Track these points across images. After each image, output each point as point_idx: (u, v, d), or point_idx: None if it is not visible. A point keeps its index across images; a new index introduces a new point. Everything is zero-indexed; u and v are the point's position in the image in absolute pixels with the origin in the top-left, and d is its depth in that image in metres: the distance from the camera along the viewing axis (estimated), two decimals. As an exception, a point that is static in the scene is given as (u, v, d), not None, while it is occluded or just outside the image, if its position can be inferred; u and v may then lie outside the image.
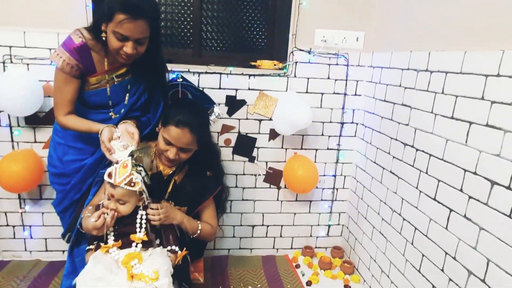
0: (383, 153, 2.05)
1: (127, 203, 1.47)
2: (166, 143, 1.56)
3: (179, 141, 1.53)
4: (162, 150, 1.58)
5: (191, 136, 1.53)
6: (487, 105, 1.34)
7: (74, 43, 1.53)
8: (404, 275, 1.82)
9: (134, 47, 1.49)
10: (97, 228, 1.45)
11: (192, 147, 1.59)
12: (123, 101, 1.74)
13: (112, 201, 1.45)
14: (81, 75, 1.59)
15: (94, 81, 1.63)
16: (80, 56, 1.55)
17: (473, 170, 1.39)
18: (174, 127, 1.52)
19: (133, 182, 1.43)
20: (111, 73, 1.64)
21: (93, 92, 1.65)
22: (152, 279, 1.36)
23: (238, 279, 2.25)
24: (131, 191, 1.45)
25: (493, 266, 1.29)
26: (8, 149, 2.12)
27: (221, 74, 2.19)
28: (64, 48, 1.53)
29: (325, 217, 2.53)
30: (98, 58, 1.60)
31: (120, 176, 1.42)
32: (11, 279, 2.10)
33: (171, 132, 1.52)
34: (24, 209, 2.24)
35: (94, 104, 1.70)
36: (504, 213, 1.25)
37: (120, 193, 1.43)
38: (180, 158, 1.59)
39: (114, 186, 1.42)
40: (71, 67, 1.53)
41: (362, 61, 2.27)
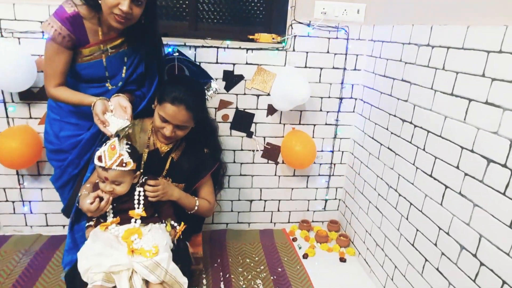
0: (381, 129, 2.04)
1: (122, 183, 1.47)
2: (162, 121, 1.54)
3: (175, 119, 1.52)
4: (158, 128, 1.57)
5: (187, 113, 1.52)
6: (487, 82, 1.32)
7: (66, 12, 1.49)
8: (398, 249, 1.86)
9: (130, 7, 1.43)
10: (91, 211, 1.45)
11: (188, 124, 1.58)
12: (119, 73, 1.71)
13: (107, 183, 1.46)
14: (73, 46, 1.55)
15: (87, 53, 1.59)
16: (73, 26, 1.50)
17: (470, 147, 1.39)
18: (170, 104, 1.50)
19: (125, 162, 1.43)
20: (105, 44, 1.60)
21: (86, 64, 1.62)
22: (152, 253, 1.39)
23: (236, 252, 2.30)
24: (125, 171, 1.45)
25: (484, 242, 1.32)
26: (3, 125, 2.10)
27: (218, 48, 2.14)
28: (55, 18, 1.48)
29: (322, 192, 2.56)
30: (92, 28, 1.56)
31: (111, 159, 1.41)
32: (14, 253, 2.14)
33: (167, 110, 1.51)
34: (22, 185, 2.25)
35: (88, 78, 1.66)
36: (498, 190, 1.26)
37: (113, 175, 1.43)
38: (176, 135, 1.58)
39: (106, 169, 1.42)
40: (62, 37, 1.49)
41: (363, 35, 2.22)
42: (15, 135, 2.01)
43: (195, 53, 2.13)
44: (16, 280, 1.92)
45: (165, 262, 1.38)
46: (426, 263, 1.64)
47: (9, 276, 1.95)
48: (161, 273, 1.37)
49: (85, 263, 1.35)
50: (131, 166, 1.44)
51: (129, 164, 1.44)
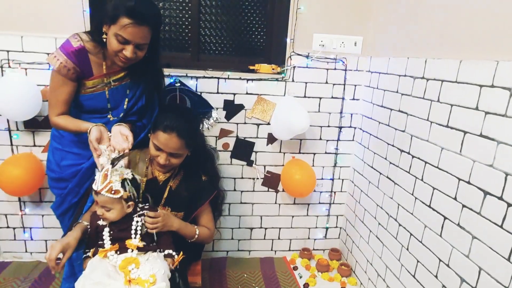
0: (380, 158, 2.06)
1: (112, 209, 1.49)
2: (156, 149, 1.57)
3: (167, 146, 1.54)
4: (153, 156, 1.59)
5: (179, 140, 1.54)
6: (481, 115, 1.35)
7: (72, 46, 1.55)
8: (400, 280, 1.83)
9: (134, 52, 1.51)
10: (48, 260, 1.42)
11: (181, 152, 1.60)
12: (121, 105, 1.75)
13: (98, 206, 1.48)
14: (78, 78, 1.60)
15: (90, 85, 1.64)
16: (78, 59, 1.56)
17: (467, 179, 1.40)
18: (162, 132, 1.53)
19: (114, 190, 1.45)
20: (108, 77, 1.66)
21: (89, 96, 1.66)
22: (150, 283, 1.38)
23: (236, 280, 2.27)
24: (114, 199, 1.46)
25: (484, 275, 1.31)
26: (7, 153, 2.14)
27: (219, 79, 2.19)
28: (62, 51, 1.54)
29: (323, 220, 2.55)
30: (96, 62, 1.61)
31: (102, 184, 1.44)
32: (12, 280, 2.13)
33: (160, 138, 1.54)
34: (24, 211, 2.26)
35: (91, 108, 1.70)
36: (495, 223, 1.26)
37: (102, 200, 1.45)
38: (171, 163, 1.60)
39: (97, 193, 1.45)
40: (67, 69, 1.55)
41: (360, 66, 2.28)
42: (18, 163, 2.05)
43: (196, 83, 2.18)
44: (13, 310, 1.91)
45: (162, 292, 1.37)
46: (427, 295, 1.62)
47: (7, 305, 1.94)
48: (159, 303, 1.36)
49: (83, 294, 1.35)
50: (120, 195, 1.45)
51: (117, 192, 1.45)
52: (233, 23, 2.34)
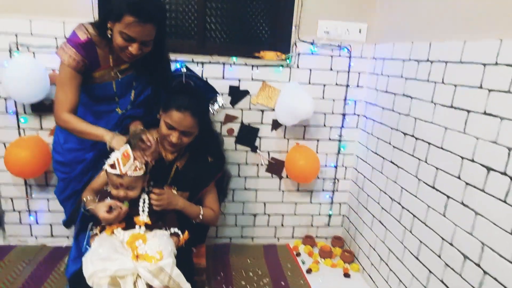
0: (384, 143, 2.07)
1: (135, 188, 1.52)
2: (168, 128, 1.59)
3: (181, 125, 1.57)
4: (165, 135, 1.61)
5: (192, 119, 1.57)
6: (485, 93, 1.36)
7: (80, 39, 1.55)
8: (403, 262, 1.85)
9: (140, 48, 1.51)
10: (107, 220, 1.48)
11: (193, 131, 1.62)
12: (128, 96, 1.77)
13: (121, 189, 1.50)
14: (85, 70, 1.61)
15: (98, 76, 1.66)
16: (86, 51, 1.56)
17: (470, 157, 1.42)
18: (176, 111, 1.55)
19: (138, 168, 1.48)
20: (115, 69, 1.67)
21: (97, 85, 1.68)
22: (157, 259, 1.40)
23: (239, 266, 2.29)
24: (138, 176, 1.49)
25: (487, 250, 1.32)
26: (15, 136, 2.16)
27: (224, 65, 2.21)
28: (70, 44, 1.55)
29: (326, 207, 2.56)
30: (103, 54, 1.62)
31: (125, 165, 1.46)
32: (17, 262, 2.15)
33: (173, 116, 1.56)
34: (30, 195, 2.28)
35: (100, 97, 1.73)
36: (499, 198, 1.28)
37: (128, 181, 1.48)
38: (182, 142, 1.62)
39: (122, 176, 1.47)
40: (76, 62, 1.55)
41: (365, 53, 2.30)
42: (25, 145, 2.07)
43: (202, 69, 2.20)
44: (19, 288, 1.93)
45: (169, 267, 1.39)
46: (430, 275, 1.64)
47: (12, 284, 1.96)
48: (165, 278, 1.37)
49: (90, 268, 1.36)
50: (143, 171, 1.48)
51: (141, 169, 1.48)
52: (239, 11, 2.36)
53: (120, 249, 1.43)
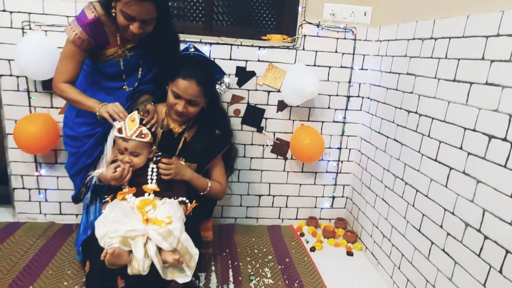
0: (388, 122, 2.11)
1: (140, 155, 1.56)
2: (175, 97, 1.64)
3: (187, 93, 1.61)
4: (172, 104, 1.66)
5: (198, 87, 1.61)
6: (487, 64, 1.40)
7: (87, 18, 1.60)
8: (405, 237, 1.89)
9: (140, 27, 1.55)
10: (116, 178, 1.54)
11: (199, 100, 1.66)
12: (136, 73, 1.82)
13: (126, 154, 1.55)
14: (91, 49, 1.66)
15: (108, 53, 1.71)
16: (93, 31, 1.61)
17: (472, 127, 1.46)
18: (182, 79, 1.60)
19: (143, 134, 1.53)
20: (123, 47, 1.72)
21: (108, 63, 1.73)
22: (166, 223, 1.44)
23: (244, 244, 2.34)
24: (143, 143, 1.54)
25: (488, 215, 1.36)
26: (25, 113, 2.21)
27: (231, 46, 2.26)
28: (78, 23, 1.60)
29: (330, 189, 2.61)
30: (111, 32, 1.67)
31: (131, 130, 1.51)
32: (27, 237, 2.20)
33: (179, 85, 1.61)
34: (39, 173, 2.33)
35: (110, 75, 1.78)
36: (499, 164, 1.32)
37: (132, 145, 1.53)
38: (188, 111, 1.66)
39: (127, 140, 1.52)
40: (82, 41, 1.61)
41: (370, 36, 2.34)
42: (35, 121, 2.12)
43: (210, 50, 2.24)
44: (29, 261, 1.97)
45: (177, 231, 1.43)
46: (432, 246, 1.68)
47: (23, 257, 2.01)
48: (174, 241, 1.42)
49: (102, 229, 1.41)
50: (149, 138, 1.53)
51: (147, 135, 1.53)
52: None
53: (130, 214, 1.48)
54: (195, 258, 1.48)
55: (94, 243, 1.45)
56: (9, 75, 2.15)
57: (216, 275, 1.99)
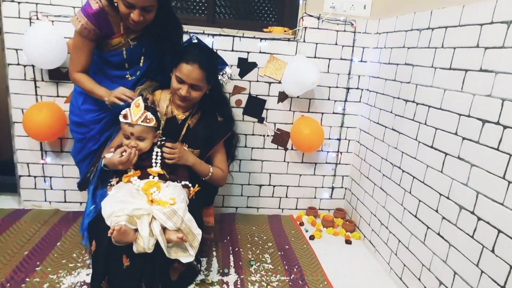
0: (386, 113, 2.16)
1: (145, 139, 1.62)
2: (178, 81, 1.68)
3: (189, 77, 1.66)
4: (175, 89, 1.70)
5: (200, 71, 1.66)
6: (481, 52, 1.45)
7: (92, 8, 1.65)
8: (402, 223, 1.94)
9: (141, 15, 1.60)
10: (123, 162, 1.60)
11: (201, 85, 1.70)
12: (138, 63, 1.87)
13: (132, 139, 1.60)
14: (97, 38, 1.72)
15: (115, 42, 1.76)
16: (97, 21, 1.67)
17: (467, 113, 1.51)
18: (185, 63, 1.66)
19: (148, 119, 1.58)
20: (127, 36, 1.77)
21: (112, 53, 1.79)
22: (170, 204, 1.50)
23: (245, 231, 2.38)
24: (148, 127, 1.60)
25: (481, 197, 1.41)
26: (32, 102, 2.26)
27: (234, 37, 2.31)
28: (83, 13, 1.66)
29: (329, 180, 2.65)
30: (115, 22, 1.72)
31: (136, 115, 1.57)
32: (33, 223, 2.25)
33: (182, 69, 1.66)
34: (45, 161, 2.38)
35: (114, 63, 1.83)
36: (492, 147, 1.37)
37: (138, 130, 1.59)
38: (191, 96, 1.70)
39: (132, 125, 1.57)
40: (88, 31, 1.67)
41: (369, 29, 2.38)
42: (43, 109, 2.17)
43: (212, 41, 2.29)
44: (35, 245, 2.02)
45: (181, 211, 1.49)
46: (428, 230, 1.72)
47: (28, 241, 2.06)
48: (178, 220, 1.47)
49: (109, 209, 1.47)
50: (153, 122, 1.58)
51: (152, 120, 1.58)
52: (248, -13, 2.45)
53: (136, 195, 1.54)
54: (198, 238, 1.53)
55: (100, 223, 1.51)
56: (17, 64, 2.20)
57: (217, 260, 2.04)
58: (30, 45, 2.03)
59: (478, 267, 1.41)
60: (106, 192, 1.74)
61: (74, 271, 1.83)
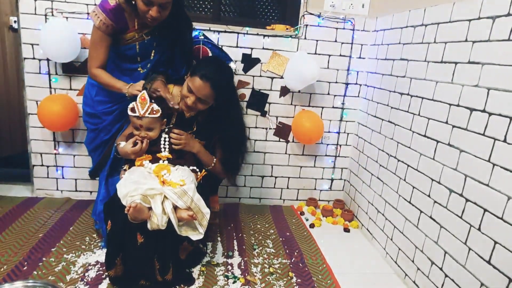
0: (383, 106, 2.28)
1: (154, 129, 1.74)
2: (188, 91, 1.77)
3: (199, 92, 1.74)
4: (184, 96, 1.80)
5: (211, 91, 1.74)
6: (469, 45, 1.56)
7: (109, 4, 1.76)
8: (397, 209, 2.05)
9: (158, 11, 1.71)
10: (135, 152, 1.71)
11: (209, 101, 1.78)
12: (149, 57, 1.98)
13: (141, 130, 1.72)
14: (114, 33, 1.83)
15: (129, 37, 1.87)
16: (115, 16, 1.78)
17: (456, 103, 1.62)
18: (199, 78, 1.73)
19: (155, 110, 1.69)
20: (140, 31, 1.88)
21: (126, 47, 1.90)
22: (180, 185, 1.61)
23: (248, 219, 2.50)
24: (155, 118, 1.71)
25: (469, 180, 1.52)
26: (46, 94, 2.37)
27: (238, 34, 2.42)
28: (100, 9, 1.76)
29: (329, 172, 2.76)
30: (130, 17, 1.83)
31: (143, 108, 1.68)
32: (45, 210, 2.37)
33: (195, 82, 1.74)
34: (57, 151, 2.50)
35: (128, 57, 1.94)
36: (479, 132, 1.48)
37: (146, 122, 1.70)
38: (196, 107, 1.79)
39: (141, 118, 1.69)
40: (106, 26, 1.77)
41: (367, 26, 2.50)
42: (57, 100, 2.28)
43: (218, 37, 2.41)
44: (49, 229, 2.14)
45: (191, 191, 1.60)
46: (421, 214, 1.84)
47: (43, 226, 2.17)
48: (188, 200, 1.58)
49: (124, 190, 1.57)
50: (160, 113, 1.69)
51: (158, 111, 1.69)
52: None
53: (148, 177, 1.65)
54: (207, 217, 1.64)
55: (115, 204, 1.62)
56: (32, 58, 2.32)
57: (222, 244, 2.15)
58: (46, 40, 2.15)
59: (466, 245, 1.52)
60: (118, 179, 1.85)
61: (88, 252, 1.94)
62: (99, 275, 1.76)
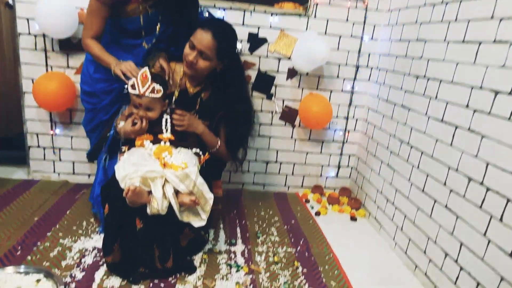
0: (396, 90, 2.16)
1: (154, 109, 1.63)
2: (190, 47, 1.67)
3: (201, 43, 1.63)
4: (185, 55, 1.69)
5: (212, 40, 1.63)
6: (496, 23, 1.45)
7: None
8: (409, 198, 1.95)
9: None
10: (135, 131, 1.62)
11: (210, 55, 1.66)
12: (154, 31, 1.87)
13: (140, 109, 1.61)
14: (113, 4, 1.71)
15: (130, 9, 1.76)
16: None
17: (479, 85, 1.51)
18: (200, 28, 1.65)
19: (156, 90, 1.58)
20: (144, 3, 1.77)
21: (129, 19, 1.79)
22: (182, 167, 1.51)
23: (251, 207, 2.41)
24: (156, 98, 1.60)
25: (491, 168, 1.42)
26: (42, 72, 2.26)
27: (244, 11, 2.30)
28: None
29: (336, 158, 2.67)
30: None
31: (143, 87, 1.57)
32: (42, 193, 2.28)
33: (196, 33, 1.65)
34: (54, 132, 2.40)
35: (130, 31, 1.83)
36: (504, 117, 1.37)
37: (146, 101, 1.59)
38: (198, 65, 1.67)
39: (140, 96, 1.58)
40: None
41: (381, 6, 2.37)
42: (53, 78, 2.18)
43: (223, 15, 2.28)
44: (45, 212, 2.05)
45: (193, 175, 1.51)
46: (435, 204, 1.74)
47: (38, 209, 2.09)
48: (190, 183, 1.49)
49: (122, 172, 1.48)
50: (161, 93, 1.58)
51: (159, 91, 1.58)
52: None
53: (148, 158, 1.55)
54: (210, 203, 1.55)
55: (113, 187, 1.52)
56: (28, 33, 2.20)
57: (225, 232, 2.06)
58: (42, 14, 2.03)
59: (486, 236, 1.43)
60: (116, 161, 1.75)
61: (85, 237, 1.86)
62: (96, 261, 1.68)
